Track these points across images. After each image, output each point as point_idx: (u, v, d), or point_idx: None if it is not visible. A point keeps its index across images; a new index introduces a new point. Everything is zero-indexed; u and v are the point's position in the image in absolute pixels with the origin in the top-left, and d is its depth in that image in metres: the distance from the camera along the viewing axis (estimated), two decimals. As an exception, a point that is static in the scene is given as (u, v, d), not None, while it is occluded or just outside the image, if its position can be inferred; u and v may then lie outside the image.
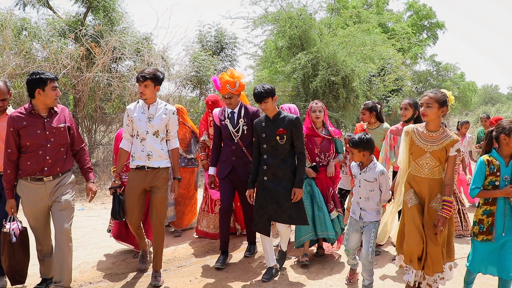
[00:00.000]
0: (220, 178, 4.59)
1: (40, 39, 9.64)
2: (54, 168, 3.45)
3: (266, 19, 13.68)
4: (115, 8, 11.39)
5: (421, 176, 3.40)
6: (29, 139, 3.35)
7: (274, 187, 4.02)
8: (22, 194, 3.46)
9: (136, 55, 10.21)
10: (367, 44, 13.18)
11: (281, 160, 4.04)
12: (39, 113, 3.42)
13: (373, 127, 5.05)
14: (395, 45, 15.71)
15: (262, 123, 4.13)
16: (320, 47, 12.61)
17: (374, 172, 3.72)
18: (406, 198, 3.48)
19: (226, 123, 4.48)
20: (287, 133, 4.01)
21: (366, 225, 3.73)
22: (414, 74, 25.45)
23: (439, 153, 3.30)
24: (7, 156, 3.37)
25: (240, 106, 4.53)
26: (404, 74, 16.18)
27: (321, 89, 12.64)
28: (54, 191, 3.48)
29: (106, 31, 10.01)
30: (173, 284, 4.05)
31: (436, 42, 27.63)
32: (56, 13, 11.59)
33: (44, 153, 3.39)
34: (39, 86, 3.35)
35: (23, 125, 3.34)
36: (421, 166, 3.38)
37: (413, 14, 26.90)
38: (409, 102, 4.55)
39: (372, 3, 25.56)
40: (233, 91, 4.33)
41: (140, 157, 3.89)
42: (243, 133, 4.46)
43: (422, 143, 3.35)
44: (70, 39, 9.81)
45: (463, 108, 28.63)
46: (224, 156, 4.53)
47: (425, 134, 3.37)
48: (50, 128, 3.42)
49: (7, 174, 3.40)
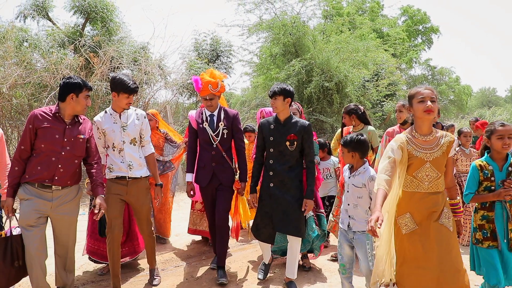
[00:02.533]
0: (201, 187, 4.30)
1: (40, 50, 9.91)
2: (65, 179, 3.28)
3: (260, 27, 13.98)
4: (113, 19, 11.70)
5: (420, 191, 2.84)
6: (45, 141, 3.19)
7: (282, 195, 3.78)
8: (25, 196, 3.19)
9: (133, 64, 10.49)
10: (360, 50, 13.45)
11: (289, 168, 3.82)
12: (63, 118, 3.30)
13: (357, 130, 4.80)
14: (388, 51, 15.98)
15: (270, 125, 3.88)
16: (313, 54, 12.88)
17: (363, 177, 3.36)
18: (400, 222, 2.89)
19: (204, 126, 4.18)
20: (298, 140, 3.77)
21: (357, 236, 3.34)
22: (410, 79, 25.79)
23: (440, 161, 2.83)
24: (19, 152, 3.22)
25: (219, 109, 4.25)
26: (398, 79, 16.42)
27: (315, 95, 12.92)
28: (59, 203, 3.29)
29: (104, 41, 10.30)
30: (170, 282, 4.27)
31: (431, 47, 27.98)
32: (56, 25, 11.90)
33: (57, 161, 3.22)
34: (74, 91, 3.25)
35: (43, 125, 3.20)
36: (420, 179, 2.83)
37: (408, 19, 27.25)
38: (403, 103, 4.43)
39: (366, 9, 25.96)
40: (215, 92, 4.05)
41: (120, 168, 3.75)
42: (222, 137, 4.17)
43: (422, 152, 2.82)
44: (70, 50, 10.09)
45: (459, 112, 28.88)
46: (203, 162, 4.21)
47: (420, 140, 2.85)
48: (70, 136, 3.28)
49: (14, 170, 3.22)
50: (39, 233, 3.20)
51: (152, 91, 11.60)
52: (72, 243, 3.45)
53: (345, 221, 3.43)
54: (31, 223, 3.16)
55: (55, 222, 3.33)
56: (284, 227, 3.82)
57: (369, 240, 3.30)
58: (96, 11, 11.29)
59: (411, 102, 2.87)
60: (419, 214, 2.85)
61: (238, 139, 4.27)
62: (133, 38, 12.28)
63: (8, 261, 3.19)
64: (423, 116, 2.80)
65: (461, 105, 27.92)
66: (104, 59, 9.52)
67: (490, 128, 3.21)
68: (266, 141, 3.90)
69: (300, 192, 3.83)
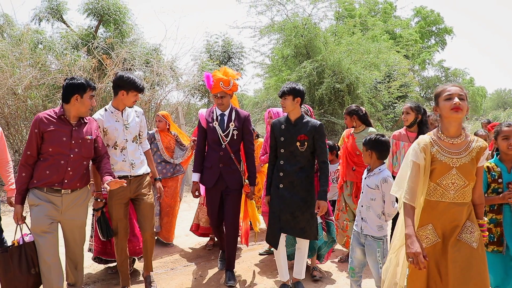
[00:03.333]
0: (207, 188, 4.23)
1: (54, 52, 10.07)
2: (74, 182, 3.20)
3: (272, 29, 14.02)
4: (125, 21, 11.82)
5: (444, 201, 2.54)
6: (52, 145, 3.10)
7: (291, 196, 3.69)
8: (35, 202, 3.13)
9: (145, 66, 10.60)
10: (372, 52, 13.41)
11: (300, 168, 3.71)
12: (69, 119, 3.21)
13: (358, 131, 4.73)
14: (400, 52, 15.90)
15: (281, 125, 3.79)
16: (325, 55, 12.88)
17: (377, 178, 3.26)
18: (420, 234, 2.59)
19: (214, 125, 4.08)
20: (309, 140, 3.67)
21: (368, 242, 3.27)
22: (423, 80, 25.62)
23: (469, 168, 2.50)
24: (25, 158, 3.12)
25: (231, 109, 4.15)
26: (410, 80, 16.33)
27: (326, 97, 12.91)
28: (69, 207, 3.23)
29: (116, 43, 10.42)
30: (179, 281, 4.32)
31: (444, 48, 27.76)
32: (70, 27, 12.07)
33: (65, 164, 3.14)
34: (78, 92, 3.16)
35: (49, 128, 3.10)
36: (445, 187, 2.53)
37: (421, 20, 27.07)
38: (410, 106, 4.31)
39: (379, 10, 25.85)
40: (226, 90, 3.96)
41: (122, 167, 3.65)
42: (232, 138, 4.07)
43: (447, 156, 2.52)
44: (83, 52, 10.23)
45: (473, 113, 28.61)
46: (210, 163, 4.11)
47: (446, 143, 2.55)
48: (77, 137, 3.20)
49: (22, 177, 3.13)
50: (52, 240, 3.15)
51: (164, 93, 11.71)
52: (82, 245, 3.44)
53: (358, 223, 3.37)
54: (45, 229, 3.10)
55: (65, 226, 3.28)
56: (290, 229, 3.73)
57: (380, 248, 3.22)
58: (109, 14, 11.45)
59: (437, 101, 2.60)
60: (441, 227, 2.56)
61: (248, 142, 4.18)
62: (145, 40, 12.43)
63: (24, 269, 3.14)
64: (450, 114, 2.49)
65: (475, 107, 27.68)
66: (117, 60, 9.64)
67: (496, 129, 3.16)
68: (277, 142, 3.81)
69: (309, 194, 3.73)
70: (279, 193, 3.76)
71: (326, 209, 3.67)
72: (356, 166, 4.58)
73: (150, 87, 10.59)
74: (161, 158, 5.33)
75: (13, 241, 3.22)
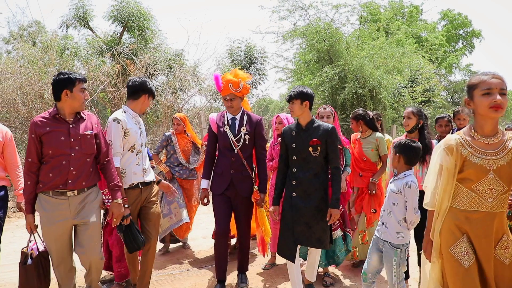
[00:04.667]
0: (216, 194, 4.01)
1: (80, 58, 10.38)
2: (79, 181, 3.06)
3: (294, 34, 14.04)
4: (149, 27, 12.07)
5: (482, 210, 2.20)
6: (51, 147, 2.96)
7: (304, 205, 3.50)
8: (43, 211, 3.03)
9: (168, 71, 10.80)
10: (394, 56, 13.28)
11: (313, 175, 3.52)
12: (64, 118, 3.06)
13: (365, 136, 4.61)
14: (425, 56, 15.67)
15: (292, 132, 3.62)
16: (347, 60, 12.82)
17: (401, 183, 3.14)
18: (456, 252, 2.24)
19: (225, 130, 3.94)
20: (322, 145, 3.48)
21: (386, 249, 3.17)
22: (449, 85, 25.14)
23: (506, 170, 2.17)
24: (27, 166, 3.01)
25: (242, 113, 4.01)
26: (436, 85, 16.07)
27: (348, 101, 12.82)
28: (79, 209, 3.09)
29: (140, 48, 10.66)
30: (192, 282, 4.39)
31: (472, 51, 27.20)
32: (95, 33, 12.40)
33: (68, 164, 2.99)
34: (67, 87, 3.00)
35: (46, 130, 2.96)
36: (482, 194, 2.19)
37: (448, 23, 26.63)
38: (412, 110, 4.07)
39: (405, 13, 25.58)
40: (236, 92, 3.81)
41: (135, 172, 3.49)
42: (244, 143, 3.93)
43: (483, 158, 2.18)
44: (107, 57, 10.51)
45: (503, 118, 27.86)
46: (221, 169, 3.96)
47: (481, 143, 2.23)
48: (76, 135, 3.04)
49: (28, 185, 3.02)
50: (64, 246, 3.10)
51: (186, 97, 11.89)
52: (97, 249, 3.19)
53: (379, 228, 3.27)
54: (56, 235, 3.04)
55: (77, 229, 3.15)
56: (306, 240, 3.54)
57: (396, 257, 3.11)
58: (133, 20, 11.73)
59: (471, 94, 2.24)
60: (476, 242, 2.23)
61: (260, 147, 4.04)
62: (168, 45, 12.65)
63: (42, 277, 3.14)
64: (488, 113, 2.16)
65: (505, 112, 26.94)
66: (140, 66, 9.86)
67: None
68: (289, 149, 3.62)
69: (324, 202, 3.53)
70: (292, 202, 3.56)
71: (337, 217, 3.52)
72: (363, 172, 4.51)
73: (172, 92, 10.79)
74: (178, 161, 5.30)
75: (23, 249, 3.19)
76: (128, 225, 3.33)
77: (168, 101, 10.44)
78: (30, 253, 3.14)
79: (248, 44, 15.27)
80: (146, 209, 3.62)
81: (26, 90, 8.59)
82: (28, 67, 8.98)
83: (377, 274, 3.33)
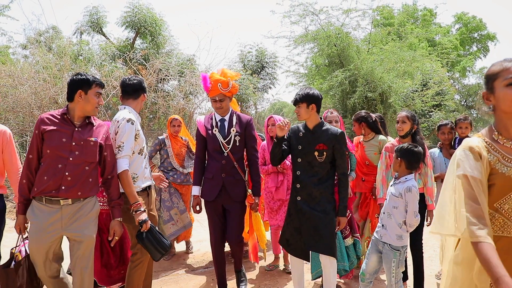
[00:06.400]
0: (208, 201, 3.84)
1: (93, 63, 10.62)
2: (74, 190, 2.80)
3: (306, 38, 14.13)
4: (161, 33, 12.29)
5: (507, 236, 1.76)
6: (50, 146, 2.78)
7: (311, 210, 3.37)
8: (33, 219, 2.80)
9: (179, 76, 10.98)
10: (405, 60, 13.28)
11: (318, 180, 3.39)
12: (72, 119, 2.89)
13: (368, 139, 4.52)
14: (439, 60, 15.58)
15: (299, 133, 3.48)
16: (357, 64, 12.86)
17: (402, 186, 3.20)
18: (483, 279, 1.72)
19: (214, 132, 3.77)
20: (328, 150, 3.34)
21: (385, 250, 3.25)
22: (463, 88, 24.89)
23: None
24: (27, 162, 2.83)
25: (231, 113, 3.84)
26: (448, 88, 15.97)
27: (359, 105, 12.84)
28: (71, 221, 2.83)
29: (152, 53, 10.87)
30: (196, 282, 4.51)
31: (487, 55, 26.89)
32: (109, 39, 12.67)
33: (63, 168, 2.78)
34: (82, 88, 2.87)
35: (50, 128, 2.81)
36: (508, 215, 1.76)
37: (462, 26, 26.39)
38: (407, 114, 3.90)
39: (418, 17, 25.46)
40: (225, 92, 3.66)
41: (145, 176, 3.33)
42: (234, 145, 3.76)
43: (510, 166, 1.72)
44: (120, 63, 10.74)
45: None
46: (211, 173, 3.77)
47: (508, 148, 1.76)
48: (78, 139, 2.85)
49: (22, 184, 2.84)
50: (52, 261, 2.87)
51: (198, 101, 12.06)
52: (90, 266, 2.94)
53: (378, 230, 3.36)
54: (43, 248, 2.78)
55: (69, 243, 2.92)
56: (315, 245, 3.39)
57: (396, 258, 3.21)
58: (145, 26, 11.97)
59: (491, 86, 1.80)
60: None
61: (252, 148, 3.87)
62: (180, 51, 12.86)
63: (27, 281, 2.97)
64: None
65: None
66: (151, 71, 10.05)
67: None
68: (294, 150, 3.49)
69: (331, 206, 3.39)
70: (298, 206, 3.45)
71: (345, 225, 3.40)
72: (366, 176, 4.46)
73: (184, 96, 10.96)
74: (171, 165, 5.17)
75: (12, 249, 3.03)
76: (149, 230, 3.09)
77: (180, 105, 10.61)
78: (15, 255, 2.98)
79: (259, 49, 15.42)
80: (148, 212, 3.41)
81: (41, 95, 8.82)
82: (43, 72, 9.23)
83: (375, 274, 3.41)
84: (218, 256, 3.92)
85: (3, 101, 8.67)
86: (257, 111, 14.59)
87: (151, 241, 3.08)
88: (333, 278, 3.45)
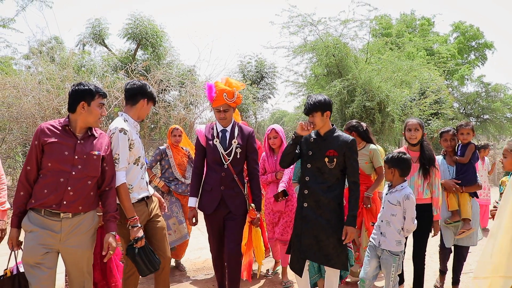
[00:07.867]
0: (206, 214, 3.74)
1: (95, 74, 10.79)
2: (75, 205, 2.70)
3: (304, 48, 14.32)
4: (162, 44, 12.49)
5: None
6: (51, 159, 2.66)
7: (315, 217, 3.29)
8: (29, 229, 2.65)
9: (180, 86, 11.14)
10: (402, 69, 13.45)
11: (327, 187, 3.30)
12: (74, 131, 2.78)
13: (359, 149, 4.33)
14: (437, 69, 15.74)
15: (310, 138, 3.41)
16: (355, 74, 13.04)
17: (399, 195, 3.30)
18: None
19: (215, 143, 3.64)
20: (339, 157, 3.26)
21: (385, 256, 3.34)
22: (461, 96, 25.06)
23: None
24: (24, 173, 2.69)
25: (233, 124, 3.71)
26: (446, 97, 16.14)
27: (357, 114, 12.99)
28: (70, 234, 2.71)
29: (153, 65, 11.04)
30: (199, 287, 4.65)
31: (484, 63, 27.13)
32: (111, 50, 12.87)
33: (65, 182, 2.67)
34: (85, 99, 2.76)
35: (51, 140, 2.68)
36: None
37: (460, 35, 26.64)
38: (418, 122, 3.89)
39: (416, 26, 25.74)
40: (230, 102, 3.53)
41: (141, 186, 3.21)
42: (235, 157, 3.63)
43: None
44: (122, 74, 10.92)
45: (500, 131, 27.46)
46: (210, 185, 3.65)
47: None
48: (81, 152, 2.73)
49: (19, 196, 2.69)
50: (47, 274, 2.62)
51: (198, 111, 12.23)
52: (88, 280, 2.86)
53: (376, 237, 3.44)
54: (38, 260, 2.60)
55: (66, 256, 2.77)
56: (313, 254, 3.32)
57: (395, 263, 3.31)
58: (146, 38, 12.18)
59: None
60: None
61: (253, 161, 3.75)
62: (180, 62, 13.06)
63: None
64: None
65: (503, 124, 26.57)
66: (152, 82, 10.22)
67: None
68: (304, 155, 3.41)
69: (336, 217, 3.31)
70: (303, 213, 3.37)
71: (353, 236, 3.26)
72: None
73: (184, 107, 11.13)
74: (173, 175, 5.07)
75: (5, 270, 2.88)
76: (142, 246, 3.01)
77: (181, 115, 10.78)
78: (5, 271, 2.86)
79: (258, 59, 15.62)
80: (153, 223, 3.33)
81: (44, 105, 8.97)
82: (47, 83, 9.40)
83: (374, 279, 3.49)
84: (218, 270, 3.85)
85: (7, 111, 8.83)
86: (256, 120, 14.76)
87: (142, 258, 3.01)
88: (334, 285, 3.46)
